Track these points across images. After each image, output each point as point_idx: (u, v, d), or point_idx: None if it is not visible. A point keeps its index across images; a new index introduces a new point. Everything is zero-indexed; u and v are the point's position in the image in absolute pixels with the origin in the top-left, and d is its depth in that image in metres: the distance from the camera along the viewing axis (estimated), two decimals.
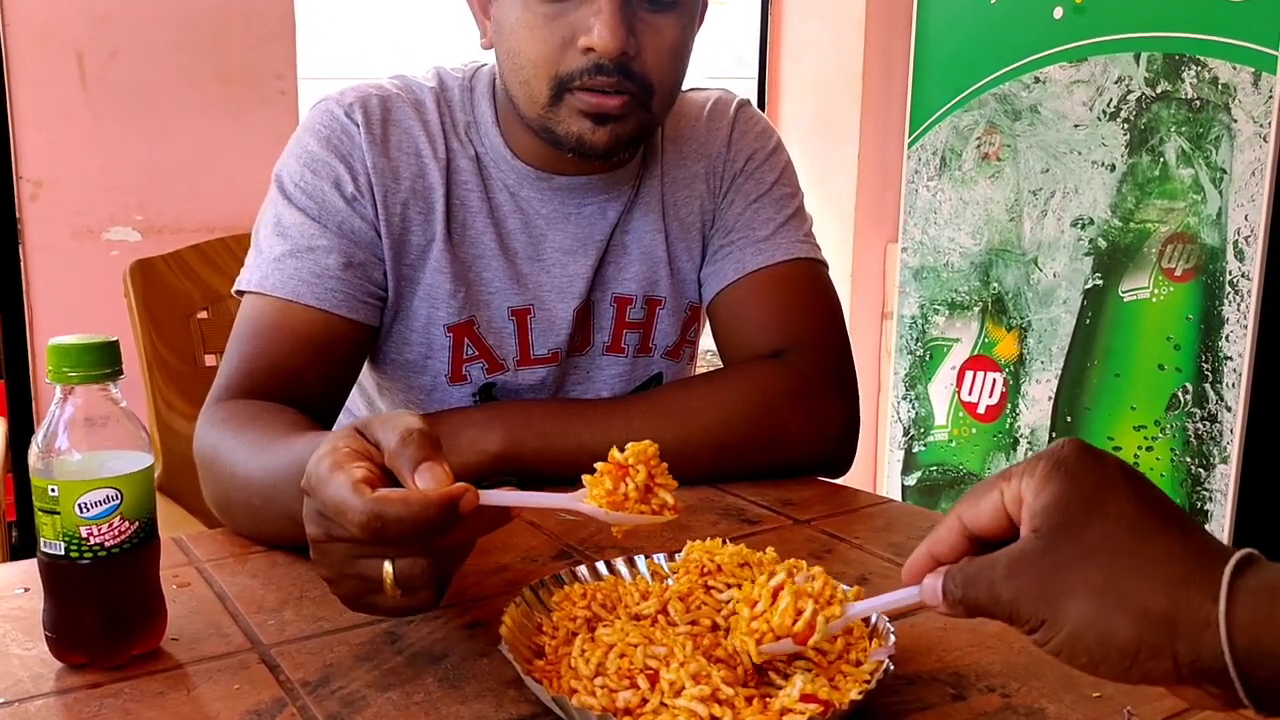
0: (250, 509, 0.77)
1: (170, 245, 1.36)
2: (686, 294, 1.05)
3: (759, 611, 0.54)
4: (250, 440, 0.79)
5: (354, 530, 0.54)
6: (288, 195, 0.92)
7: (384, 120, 0.94)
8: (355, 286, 0.91)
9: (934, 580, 0.50)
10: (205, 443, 0.84)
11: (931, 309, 2.34)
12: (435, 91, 0.98)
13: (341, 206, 0.92)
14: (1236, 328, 1.82)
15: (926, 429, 2.38)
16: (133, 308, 1.29)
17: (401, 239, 0.95)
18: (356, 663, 0.61)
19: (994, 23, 2.15)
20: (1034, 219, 2.12)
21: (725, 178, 1.04)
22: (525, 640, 0.59)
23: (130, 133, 1.86)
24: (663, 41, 0.88)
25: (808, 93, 2.80)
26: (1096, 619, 0.44)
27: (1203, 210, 1.85)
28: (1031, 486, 0.47)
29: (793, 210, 1.04)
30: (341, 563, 0.57)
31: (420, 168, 0.95)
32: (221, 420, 0.84)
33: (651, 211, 1.02)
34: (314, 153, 0.93)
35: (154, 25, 1.85)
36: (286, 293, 0.89)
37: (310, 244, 0.90)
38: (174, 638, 0.63)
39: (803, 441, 0.94)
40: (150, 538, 0.61)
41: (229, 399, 0.87)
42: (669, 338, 1.05)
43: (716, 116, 1.05)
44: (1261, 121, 1.75)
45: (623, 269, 1.02)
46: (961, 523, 0.51)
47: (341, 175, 0.92)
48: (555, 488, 0.89)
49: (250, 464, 0.76)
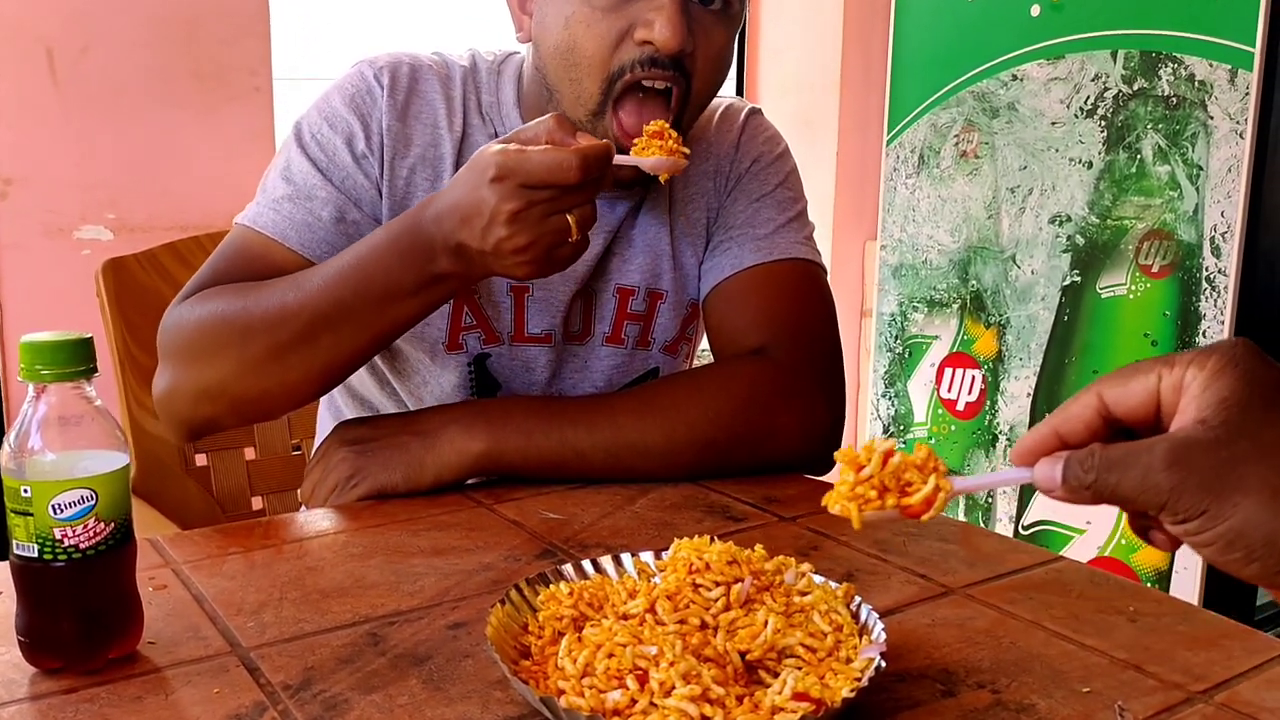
0: (307, 327, 0.82)
1: (143, 244, 1.34)
2: (689, 290, 1.06)
3: (865, 476, 0.51)
4: (273, 282, 0.85)
5: (573, 175, 0.74)
6: (302, 144, 0.95)
7: (409, 88, 0.97)
8: (342, 242, 0.92)
9: (1051, 464, 0.49)
10: (194, 314, 0.86)
11: (910, 306, 2.35)
12: (465, 70, 1.01)
13: (349, 162, 0.95)
14: (1213, 324, 1.83)
15: (906, 426, 2.39)
16: (105, 307, 1.27)
17: (403, 204, 0.96)
18: (338, 665, 0.60)
19: (972, 21, 2.15)
20: (1012, 216, 2.12)
21: (731, 178, 1.06)
22: (511, 640, 0.58)
23: (102, 130, 1.83)
24: (713, 46, 0.91)
25: (787, 91, 2.80)
26: (1268, 518, 0.44)
27: (1179, 207, 1.86)
28: (1200, 378, 0.46)
29: (795, 213, 1.05)
30: (539, 222, 0.75)
31: (435, 138, 0.98)
32: (211, 296, 0.87)
33: (659, 206, 1.03)
34: (335, 108, 0.96)
35: (126, 21, 1.83)
36: (275, 232, 0.92)
37: (310, 193, 0.93)
38: (151, 641, 0.62)
39: (789, 439, 0.94)
40: (126, 539, 0.59)
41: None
42: (669, 332, 1.06)
43: (727, 121, 1.07)
44: (1238, 118, 1.77)
45: (627, 260, 1.03)
46: (1102, 401, 0.49)
47: (355, 132, 0.95)
48: (540, 487, 0.89)
49: (303, 287, 0.83)
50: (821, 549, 0.78)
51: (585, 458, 0.88)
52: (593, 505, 0.86)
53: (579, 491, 0.89)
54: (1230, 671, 0.60)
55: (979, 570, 0.74)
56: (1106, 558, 2.01)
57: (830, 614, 0.58)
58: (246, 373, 0.84)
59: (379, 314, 0.83)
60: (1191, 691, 0.58)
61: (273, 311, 0.83)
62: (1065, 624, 0.66)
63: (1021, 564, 0.76)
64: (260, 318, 0.83)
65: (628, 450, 0.89)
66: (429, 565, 0.74)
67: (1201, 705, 0.57)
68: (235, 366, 0.84)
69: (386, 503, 0.86)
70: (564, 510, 0.85)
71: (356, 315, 0.82)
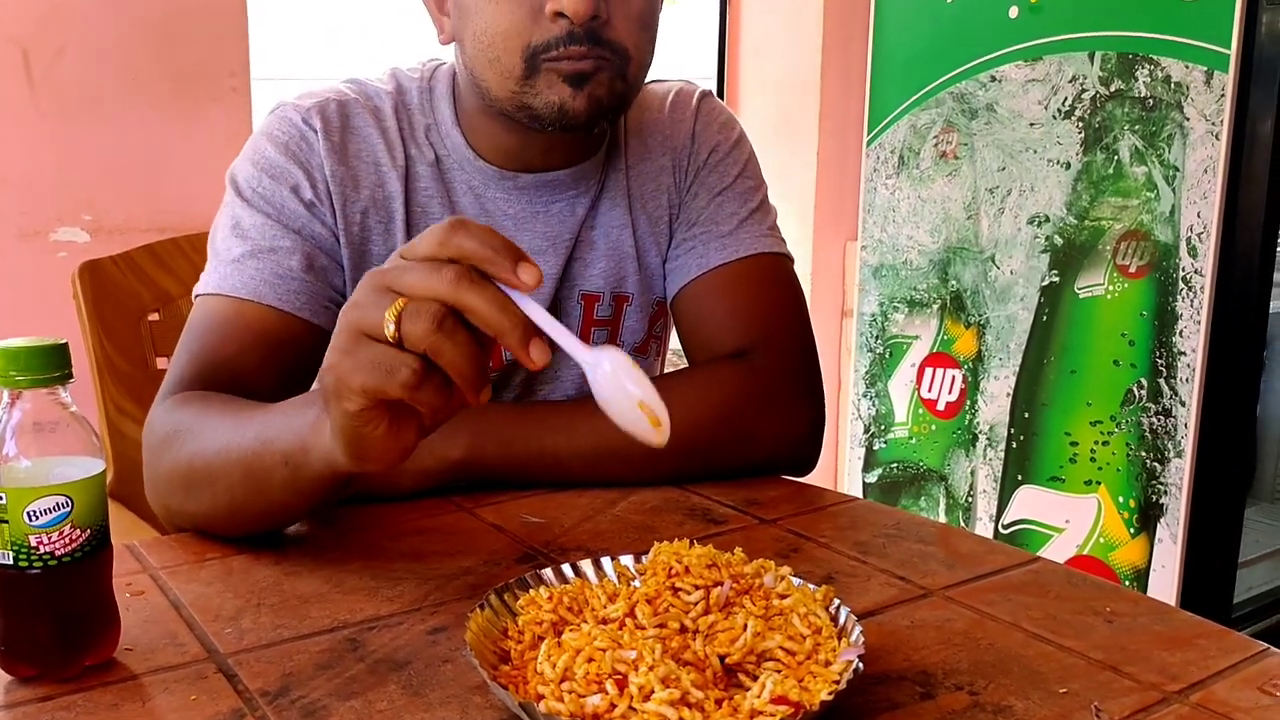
0: (223, 478, 0.74)
1: (120, 246, 1.33)
2: (654, 290, 1.04)
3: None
4: (223, 415, 0.77)
5: (464, 235, 0.57)
6: (245, 198, 0.90)
7: (342, 127, 0.93)
8: (317, 289, 0.89)
9: None
10: (162, 427, 0.81)
11: (891, 307, 2.36)
12: (392, 96, 0.96)
13: (301, 211, 0.90)
14: (1190, 323, 1.85)
15: (887, 426, 2.40)
16: (82, 310, 1.26)
17: (362, 249, 0.93)
18: (317, 671, 0.59)
19: (950, 22, 2.16)
20: (991, 217, 2.13)
21: (689, 171, 1.03)
22: (490, 645, 0.58)
23: (78, 131, 1.82)
24: (631, 8, 0.87)
25: (767, 92, 2.81)
26: None
27: (1156, 207, 1.87)
28: None
29: (756, 204, 1.03)
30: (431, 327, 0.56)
31: (379, 177, 0.93)
32: (182, 404, 0.82)
33: (618, 206, 1.01)
34: (271, 159, 0.91)
35: (102, 22, 1.81)
36: (247, 293, 0.87)
37: (272, 244, 0.88)
38: (128, 648, 0.62)
39: (770, 443, 0.94)
40: (102, 545, 0.59)
41: (184, 390, 0.85)
42: (637, 334, 1.04)
43: (679, 108, 1.04)
44: (1213, 120, 1.78)
45: (589, 265, 1.00)
46: None
47: (300, 181, 0.90)
48: (520, 491, 0.89)
49: (225, 436, 0.74)
50: (802, 551, 0.78)
51: (565, 464, 0.88)
52: (574, 509, 0.86)
53: (560, 495, 0.89)
54: (1205, 671, 0.61)
55: (958, 572, 0.75)
56: (1085, 556, 2.02)
57: (809, 617, 0.58)
58: (185, 494, 0.78)
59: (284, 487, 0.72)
60: (1167, 692, 0.58)
61: (211, 447, 0.75)
62: (1043, 625, 0.66)
63: (1000, 565, 0.76)
64: (194, 451, 0.76)
65: (607, 456, 0.89)
66: (408, 570, 0.74)
67: (1177, 705, 0.57)
68: (178, 485, 0.79)
69: (365, 507, 0.86)
70: (545, 514, 0.85)
71: (263, 483, 0.72)
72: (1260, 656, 0.62)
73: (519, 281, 0.57)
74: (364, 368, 0.58)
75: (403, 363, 0.57)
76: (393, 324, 0.57)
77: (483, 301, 0.56)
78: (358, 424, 0.60)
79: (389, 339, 0.57)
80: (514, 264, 0.57)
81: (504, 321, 0.56)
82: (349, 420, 0.60)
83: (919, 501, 2.34)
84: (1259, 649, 0.63)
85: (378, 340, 0.58)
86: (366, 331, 0.58)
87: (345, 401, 0.59)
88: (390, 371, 0.57)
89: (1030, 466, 2.11)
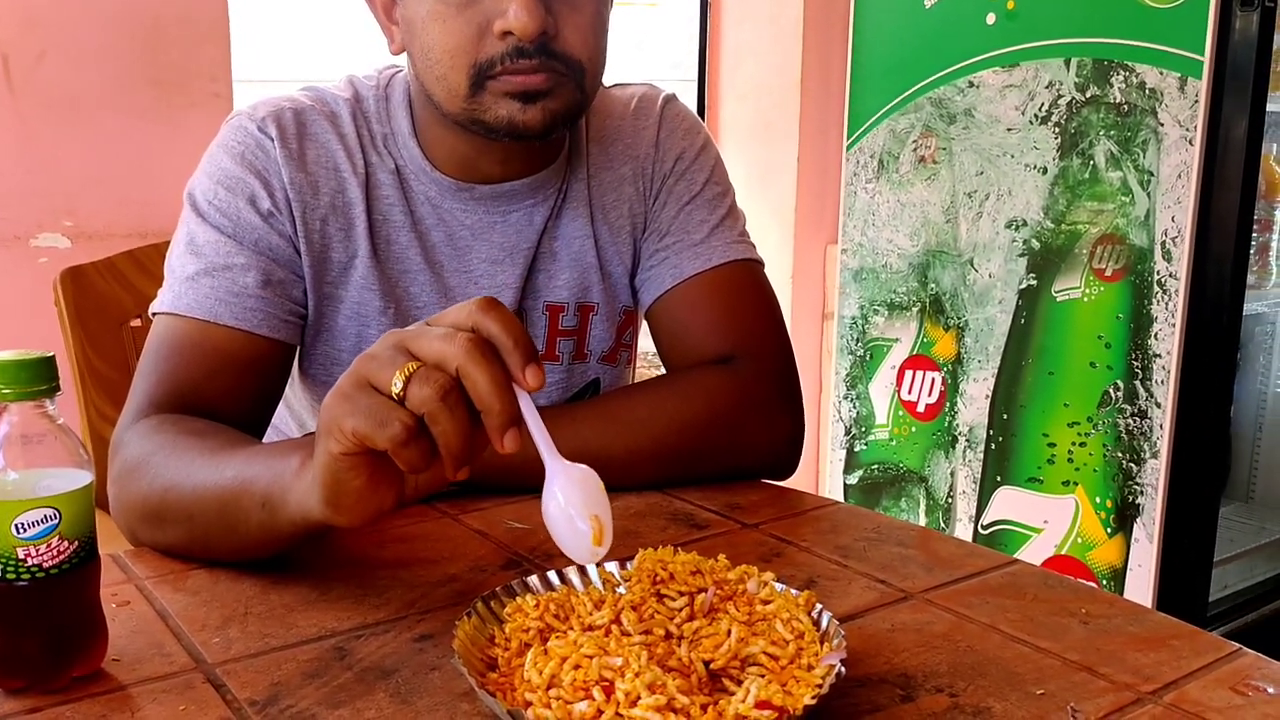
0: (197, 515, 0.74)
1: (101, 252, 1.33)
2: (619, 298, 1.04)
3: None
4: (198, 450, 0.77)
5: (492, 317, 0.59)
6: (201, 213, 0.90)
7: (299, 134, 0.92)
8: (275, 305, 0.89)
9: None
10: (132, 453, 0.80)
11: (871, 309, 2.37)
12: (350, 103, 0.96)
13: (258, 223, 0.90)
14: (1165, 326, 1.87)
15: (868, 428, 2.41)
16: (64, 316, 1.26)
17: (322, 256, 0.93)
18: (305, 680, 0.60)
19: (929, 28, 2.18)
20: (969, 221, 2.15)
21: (655, 179, 1.03)
22: (478, 653, 0.59)
23: (59, 137, 1.81)
24: (581, 17, 0.86)
25: (747, 96, 2.82)
26: None
27: (1131, 212, 1.90)
28: None
29: (726, 210, 1.03)
30: (437, 399, 0.58)
31: (339, 183, 0.93)
32: (155, 430, 0.81)
33: (580, 216, 1.01)
34: (227, 169, 0.90)
35: (83, 27, 1.80)
36: (203, 313, 0.86)
37: (226, 262, 0.88)
38: (115, 658, 0.62)
39: (752, 449, 0.95)
40: (90, 557, 0.59)
41: (153, 414, 0.84)
42: (604, 343, 1.05)
43: (642, 115, 1.04)
44: (1187, 125, 1.81)
45: (553, 276, 1.00)
46: None
47: (257, 191, 0.90)
48: (505, 497, 0.90)
49: (201, 473, 0.74)
50: (784, 555, 0.79)
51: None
52: None
53: None
54: (1179, 672, 0.62)
55: (937, 575, 0.76)
56: (1064, 556, 2.04)
57: (792, 622, 0.59)
58: (152, 527, 0.78)
59: (248, 534, 0.72)
60: (1141, 692, 0.60)
61: (182, 484, 0.75)
62: (1020, 627, 0.68)
63: (978, 568, 0.77)
64: (165, 486, 0.76)
65: (590, 461, 0.89)
66: (394, 577, 0.74)
67: (1151, 706, 0.58)
68: (144, 516, 0.78)
69: None
70: (530, 520, 0.85)
71: (229, 527, 0.73)
72: (1233, 657, 0.64)
73: (522, 378, 0.59)
74: (359, 413, 0.59)
75: (397, 417, 0.58)
76: (400, 383, 0.58)
77: (485, 378, 0.58)
78: (340, 467, 0.61)
79: (393, 396, 0.58)
80: (525, 361, 0.59)
81: (495, 402, 0.58)
82: (332, 461, 0.61)
83: (900, 503, 2.36)
84: (1231, 649, 0.65)
85: (381, 393, 0.59)
86: (373, 383, 0.59)
87: (332, 441, 0.60)
88: (383, 423, 0.58)
89: (1009, 467, 2.13)
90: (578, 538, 0.60)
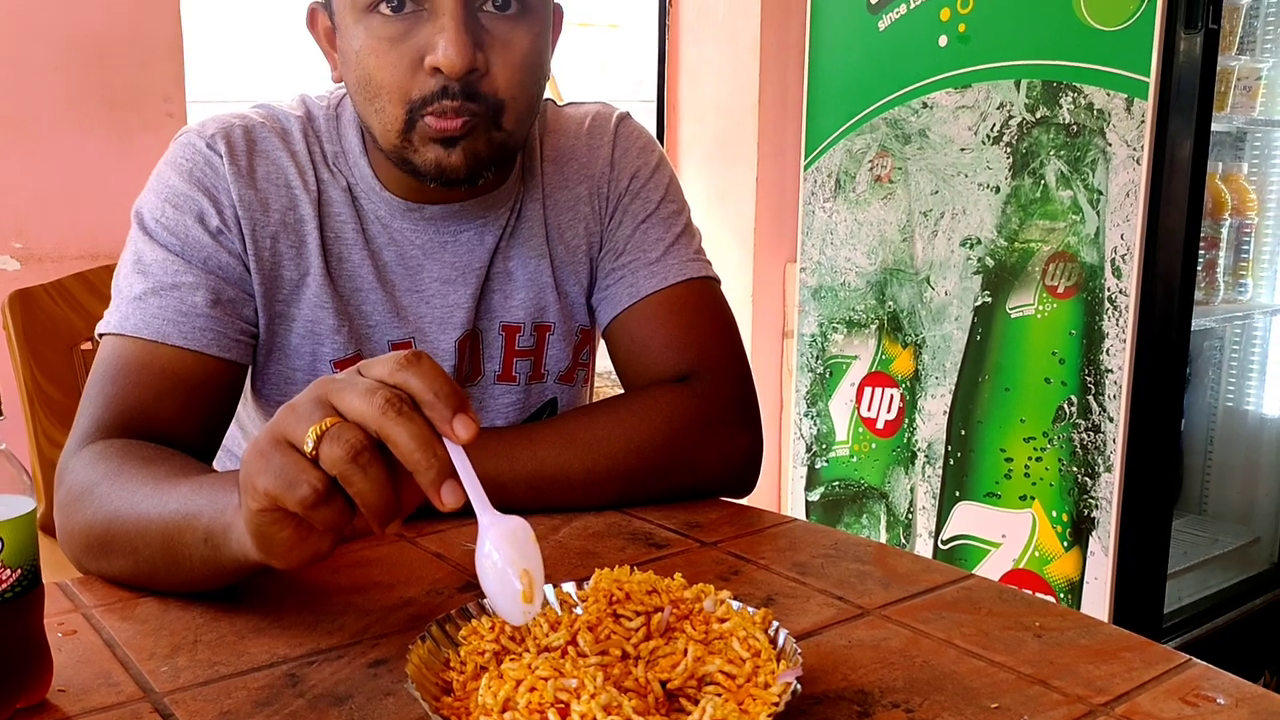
0: (142, 547, 0.72)
1: (51, 274, 1.31)
2: (576, 318, 1.04)
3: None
4: (143, 479, 0.75)
5: (414, 371, 0.56)
6: (148, 232, 0.89)
7: (249, 151, 0.91)
8: (225, 324, 0.88)
9: None
10: (78, 480, 0.79)
11: (830, 327, 2.39)
12: (302, 120, 0.95)
13: (207, 241, 0.89)
14: (1116, 341, 1.90)
15: (828, 445, 2.43)
16: (12, 340, 1.23)
17: (273, 274, 0.92)
18: (255, 708, 0.59)
19: (883, 50, 2.21)
20: (925, 239, 2.18)
21: (610, 199, 1.03)
22: (432, 677, 0.58)
23: (8, 157, 1.78)
24: (514, 54, 0.85)
25: (706, 117, 2.84)
26: None
27: (1082, 230, 1.93)
28: None
29: (681, 228, 1.04)
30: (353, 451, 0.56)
31: (291, 200, 0.92)
32: (100, 457, 0.80)
33: (535, 236, 1.00)
34: (175, 187, 0.90)
35: (34, 45, 1.78)
36: (151, 333, 0.85)
37: (174, 280, 0.87)
38: (61, 689, 0.61)
39: (712, 467, 0.95)
40: (33, 585, 0.58)
41: (100, 439, 0.83)
42: (561, 363, 1.04)
43: (596, 134, 1.04)
44: (1134, 145, 1.84)
45: (509, 296, 1.00)
46: None
47: (205, 209, 0.89)
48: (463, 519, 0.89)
49: (145, 503, 0.73)
50: (742, 573, 0.79)
51: (508, 489, 0.88)
52: None
53: None
54: (1130, 684, 0.63)
55: (894, 590, 0.76)
56: (1021, 570, 2.06)
57: (748, 640, 0.59)
58: (98, 555, 0.77)
59: (194, 565, 0.71)
60: (1094, 704, 0.60)
61: (127, 514, 0.73)
62: (975, 641, 0.68)
63: (934, 583, 0.78)
64: (110, 515, 0.74)
65: (549, 483, 0.89)
66: (349, 602, 0.73)
67: (1103, 718, 0.59)
68: (90, 545, 0.77)
69: None
70: None
71: (173, 559, 0.71)
72: (1183, 668, 0.65)
73: (451, 431, 0.56)
74: (271, 472, 0.57)
75: (306, 480, 0.56)
76: (312, 441, 0.57)
77: (405, 436, 0.55)
78: (262, 521, 0.60)
79: (306, 454, 0.57)
80: (453, 413, 0.56)
81: (420, 460, 0.55)
82: (253, 516, 0.60)
83: (861, 519, 2.37)
84: (1181, 660, 0.66)
85: (296, 450, 0.57)
86: (289, 439, 0.58)
87: (249, 499, 0.59)
88: (291, 485, 0.56)
89: (967, 483, 2.15)
90: (510, 598, 0.58)
